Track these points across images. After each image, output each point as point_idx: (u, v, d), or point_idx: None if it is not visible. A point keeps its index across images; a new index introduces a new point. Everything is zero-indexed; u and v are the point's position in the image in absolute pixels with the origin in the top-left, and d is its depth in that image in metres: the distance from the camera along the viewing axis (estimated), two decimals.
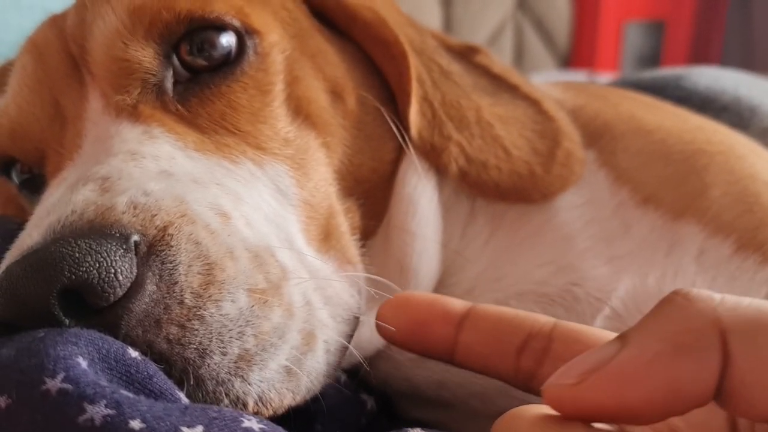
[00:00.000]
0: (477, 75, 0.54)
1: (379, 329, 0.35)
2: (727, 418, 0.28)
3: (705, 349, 0.23)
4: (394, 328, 0.35)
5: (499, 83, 0.54)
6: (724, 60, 2.34)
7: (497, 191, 0.49)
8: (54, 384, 0.26)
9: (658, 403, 0.23)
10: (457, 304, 0.34)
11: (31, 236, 0.35)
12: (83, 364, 0.27)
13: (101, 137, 0.41)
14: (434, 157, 0.49)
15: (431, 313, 0.34)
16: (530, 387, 0.33)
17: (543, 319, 0.33)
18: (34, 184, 0.49)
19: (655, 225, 0.49)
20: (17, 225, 0.40)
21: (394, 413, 0.53)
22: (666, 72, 0.83)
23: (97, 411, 0.25)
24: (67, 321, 0.31)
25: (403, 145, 0.49)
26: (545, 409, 0.26)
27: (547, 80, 0.80)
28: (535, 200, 0.50)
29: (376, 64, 0.51)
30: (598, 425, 0.25)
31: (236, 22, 0.44)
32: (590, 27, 2.28)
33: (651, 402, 0.23)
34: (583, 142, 0.52)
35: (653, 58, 2.40)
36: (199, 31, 0.44)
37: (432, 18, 2.10)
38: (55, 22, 0.48)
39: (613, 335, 0.27)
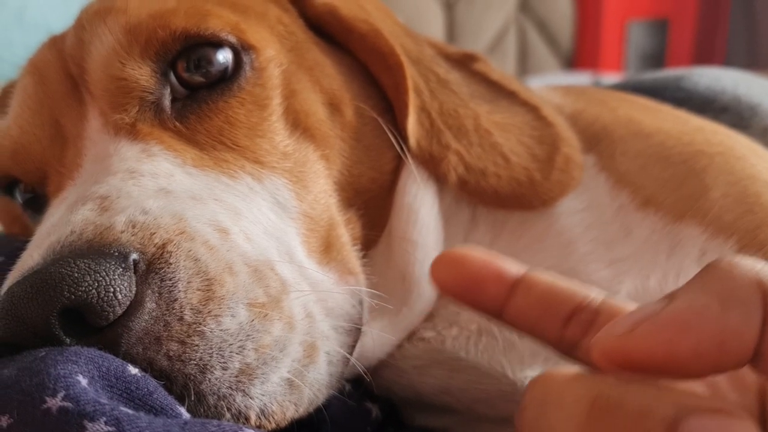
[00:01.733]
0: (475, 82, 0.55)
1: (433, 279, 0.36)
2: (757, 399, 0.29)
3: (749, 304, 0.24)
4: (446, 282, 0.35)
5: (498, 90, 0.54)
6: (728, 58, 2.33)
7: (497, 199, 0.49)
8: (54, 402, 0.26)
9: (705, 355, 0.24)
10: (512, 267, 0.35)
11: (32, 257, 0.35)
12: (83, 382, 0.28)
13: (100, 156, 0.42)
14: (433, 166, 0.49)
15: (486, 273, 0.35)
16: (573, 355, 0.33)
17: (593, 293, 0.33)
18: (38, 204, 0.49)
19: (656, 227, 0.48)
20: (22, 243, 0.40)
21: (400, 421, 0.53)
22: (666, 73, 0.83)
23: (97, 428, 0.26)
24: (68, 340, 0.31)
25: (402, 155, 0.49)
26: (577, 369, 0.27)
27: (550, 82, 0.80)
28: (534, 207, 0.50)
29: (373, 75, 0.51)
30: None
31: (232, 38, 0.45)
32: (593, 27, 2.27)
33: (698, 352, 0.24)
34: (583, 147, 0.52)
35: (657, 57, 2.39)
36: (195, 48, 0.44)
37: (435, 22, 2.10)
38: (55, 43, 0.49)
39: None
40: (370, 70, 0.51)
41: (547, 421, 0.26)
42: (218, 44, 0.44)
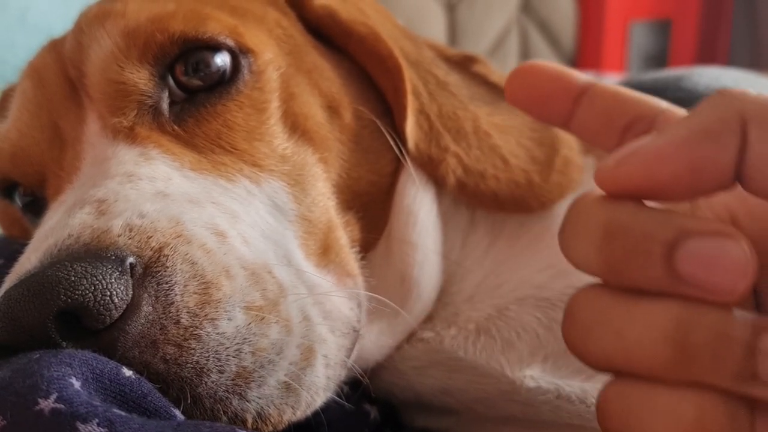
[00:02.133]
0: (475, 84, 0.55)
1: (507, 94, 0.38)
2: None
3: (725, 133, 0.27)
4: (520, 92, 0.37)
5: (498, 92, 0.54)
6: (731, 58, 2.32)
7: (495, 201, 0.49)
8: (47, 404, 0.27)
9: (682, 180, 0.27)
10: (579, 78, 0.37)
11: (29, 260, 0.35)
12: (76, 384, 0.28)
13: (99, 159, 0.42)
14: (432, 169, 0.49)
15: (554, 87, 0.37)
16: None
17: (652, 103, 0.35)
18: (37, 207, 0.50)
19: None
20: (21, 246, 0.40)
21: (399, 422, 0.53)
22: (667, 73, 0.83)
23: (90, 430, 0.26)
24: (64, 343, 0.31)
25: (401, 158, 0.50)
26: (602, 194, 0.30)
27: None
28: (533, 209, 0.50)
29: (372, 78, 0.51)
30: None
31: (230, 42, 0.45)
32: (596, 27, 2.27)
33: (676, 178, 0.27)
34: (583, 148, 0.52)
35: (660, 57, 2.38)
36: (193, 51, 0.44)
37: (436, 24, 2.10)
38: (54, 46, 0.49)
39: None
40: (369, 73, 0.51)
41: (575, 238, 0.30)
42: (216, 48, 0.44)
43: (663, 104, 0.35)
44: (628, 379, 0.29)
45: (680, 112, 0.35)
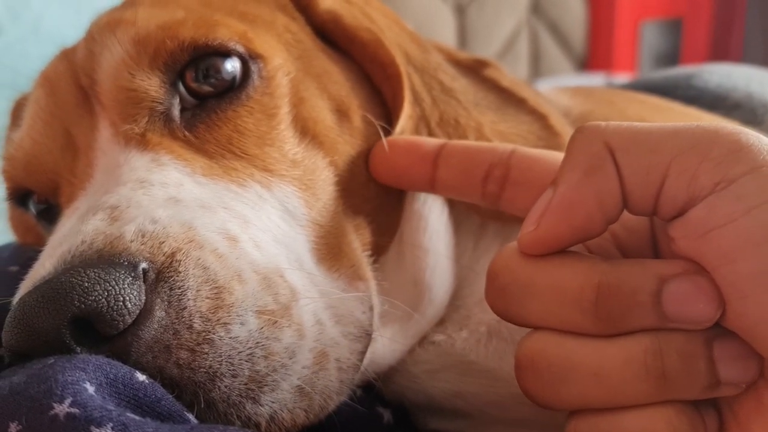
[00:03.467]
0: (484, 90, 0.54)
1: (374, 176, 0.42)
2: (649, 221, 0.35)
3: (604, 164, 0.31)
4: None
5: (507, 97, 0.54)
6: (744, 56, 2.30)
7: (493, 212, 0.49)
8: (62, 409, 0.27)
9: (595, 216, 0.31)
10: (430, 143, 0.40)
11: (44, 266, 0.35)
12: (90, 389, 0.28)
13: (111, 166, 0.42)
14: None
15: (410, 158, 0.40)
16: (497, 208, 0.40)
17: (501, 148, 0.39)
18: (51, 214, 0.50)
19: None
20: (35, 253, 0.41)
21: (412, 425, 0.53)
22: (677, 71, 0.83)
23: None
24: (78, 349, 0.32)
25: None
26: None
27: (563, 85, 0.80)
28: None
29: (374, 84, 0.52)
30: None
31: (240, 48, 0.45)
32: (606, 27, 2.26)
33: (590, 216, 0.31)
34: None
35: (672, 56, 2.37)
36: (203, 57, 0.44)
37: (446, 27, 2.10)
38: (66, 55, 0.49)
39: (560, 156, 0.35)
40: (372, 79, 0.52)
41: (561, 306, 0.31)
42: (226, 54, 0.45)
43: (509, 146, 0.39)
44: (599, 411, 0.31)
45: (523, 149, 0.39)
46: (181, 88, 0.45)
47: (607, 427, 0.31)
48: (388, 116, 0.51)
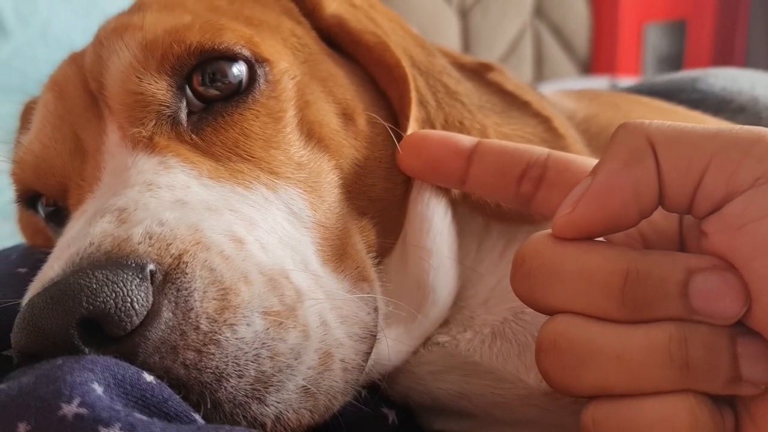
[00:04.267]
0: (488, 93, 0.55)
1: (402, 167, 0.41)
2: (678, 224, 0.36)
3: (645, 157, 0.31)
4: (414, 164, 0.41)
5: (511, 100, 0.54)
6: (748, 59, 2.30)
7: (499, 212, 0.49)
8: (70, 409, 0.27)
9: (630, 206, 0.32)
10: (465, 139, 0.40)
11: (52, 268, 0.36)
12: (98, 389, 0.28)
13: (119, 169, 0.43)
14: None
15: (445, 150, 0.40)
16: (528, 208, 0.40)
17: (538, 150, 0.39)
18: (59, 217, 0.51)
19: None
20: (43, 255, 0.41)
21: (417, 426, 0.53)
22: (682, 74, 0.83)
23: None
24: (86, 350, 0.32)
25: None
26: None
27: (566, 89, 0.80)
28: (536, 222, 0.50)
29: (380, 87, 0.52)
30: None
31: (246, 52, 0.45)
32: (609, 30, 2.26)
33: (626, 205, 0.32)
34: (595, 153, 0.52)
35: (675, 59, 2.37)
36: (210, 61, 0.45)
37: (450, 30, 2.11)
38: (75, 59, 0.50)
39: (593, 161, 0.36)
40: (377, 81, 0.52)
41: (589, 289, 0.32)
42: (233, 58, 0.45)
43: (545, 149, 0.40)
44: (619, 397, 0.32)
45: (557, 152, 0.39)
46: (188, 91, 0.45)
47: (627, 413, 0.31)
48: (394, 119, 0.51)
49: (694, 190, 0.31)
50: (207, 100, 0.45)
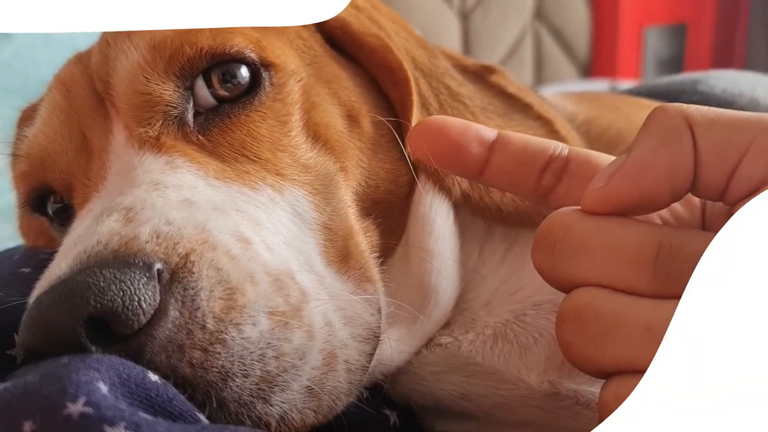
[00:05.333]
0: (490, 95, 0.55)
1: (413, 152, 0.39)
2: (701, 217, 0.36)
3: (682, 136, 0.31)
4: (428, 150, 0.40)
5: (513, 103, 0.55)
6: (748, 62, 2.30)
7: (499, 215, 0.49)
8: (76, 408, 0.27)
9: (664, 184, 0.31)
10: (485, 128, 0.40)
11: (59, 266, 0.36)
12: (104, 389, 0.28)
13: (125, 169, 0.43)
14: (438, 180, 0.50)
15: (468, 138, 0.39)
16: (546, 202, 0.39)
17: (560, 144, 0.38)
18: (64, 215, 0.51)
19: None
20: (47, 255, 0.41)
21: (419, 427, 0.53)
22: (683, 77, 0.83)
23: None
24: (93, 348, 0.32)
25: (411, 169, 0.50)
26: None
27: (566, 91, 0.80)
28: (536, 225, 0.50)
29: (383, 89, 0.52)
30: None
31: (254, 55, 0.46)
32: (610, 33, 2.26)
33: (659, 184, 0.31)
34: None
35: (676, 62, 2.37)
36: (219, 64, 0.45)
37: (451, 32, 2.11)
38: (80, 59, 0.50)
39: (610, 157, 0.35)
40: (380, 84, 0.52)
41: (612, 268, 0.31)
42: (242, 61, 0.45)
43: (564, 144, 0.39)
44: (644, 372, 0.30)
45: (584, 150, 0.38)
46: (200, 91, 0.45)
47: None
48: (397, 121, 0.51)
49: (731, 173, 0.31)
50: (219, 99, 0.46)
